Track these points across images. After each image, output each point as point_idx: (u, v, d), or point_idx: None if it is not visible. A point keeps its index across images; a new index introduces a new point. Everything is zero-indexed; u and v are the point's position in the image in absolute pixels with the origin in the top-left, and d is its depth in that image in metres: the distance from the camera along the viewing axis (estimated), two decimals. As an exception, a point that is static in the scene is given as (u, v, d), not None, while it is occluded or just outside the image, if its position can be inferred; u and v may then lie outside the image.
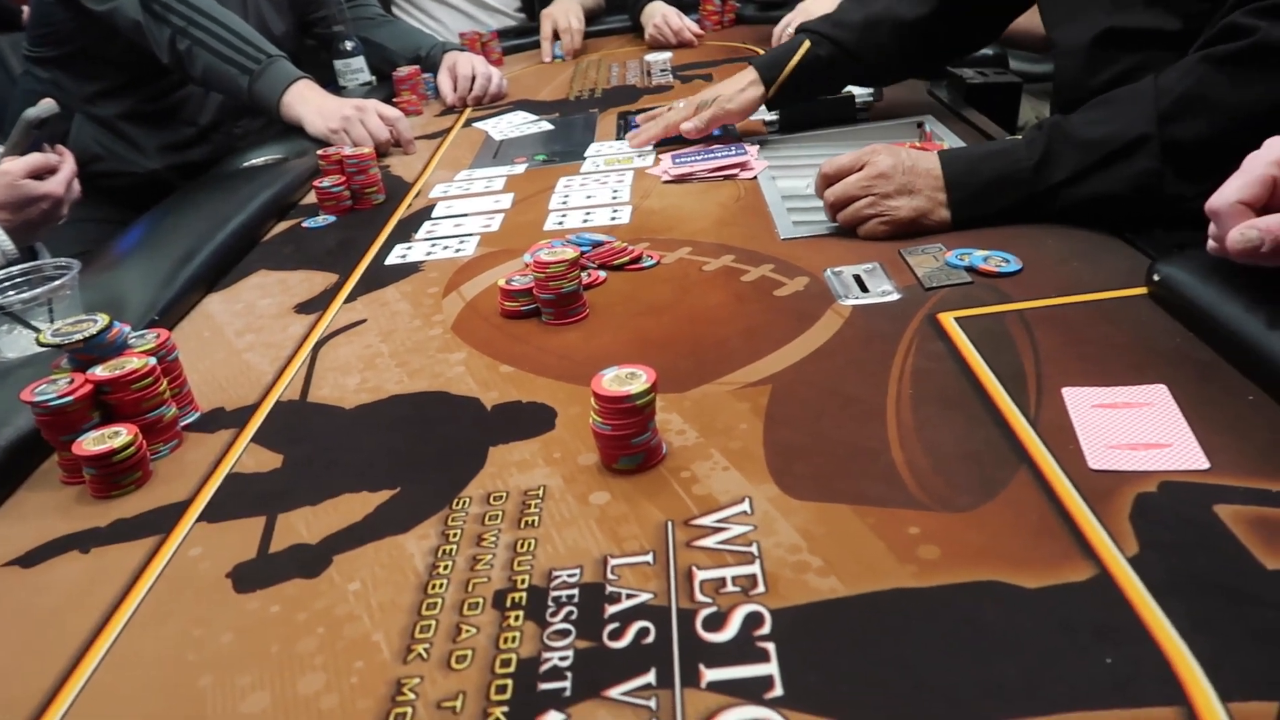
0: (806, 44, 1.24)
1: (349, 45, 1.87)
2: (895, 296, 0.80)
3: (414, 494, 0.63)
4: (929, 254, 0.86)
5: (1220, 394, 0.61)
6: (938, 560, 0.50)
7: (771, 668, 0.45)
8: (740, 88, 1.26)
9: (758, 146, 1.24)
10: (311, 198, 1.28)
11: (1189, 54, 0.85)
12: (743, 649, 0.46)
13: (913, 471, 0.58)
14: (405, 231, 1.13)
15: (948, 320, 0.75)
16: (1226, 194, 0.64)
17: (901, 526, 0.53)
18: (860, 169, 0.94)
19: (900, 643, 0.46)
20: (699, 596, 0.50)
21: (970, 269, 0.82)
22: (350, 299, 0.96)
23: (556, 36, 2.07)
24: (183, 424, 0.74)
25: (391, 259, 1.05)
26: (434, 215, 1.17)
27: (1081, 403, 0.61)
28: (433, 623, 0.51)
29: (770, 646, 0.46)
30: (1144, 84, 0.86)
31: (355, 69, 1.89)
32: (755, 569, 0.52)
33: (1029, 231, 0.88)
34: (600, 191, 1.17)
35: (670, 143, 1.32)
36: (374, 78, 1.91)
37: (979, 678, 0.43)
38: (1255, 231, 0.61)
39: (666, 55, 1.89)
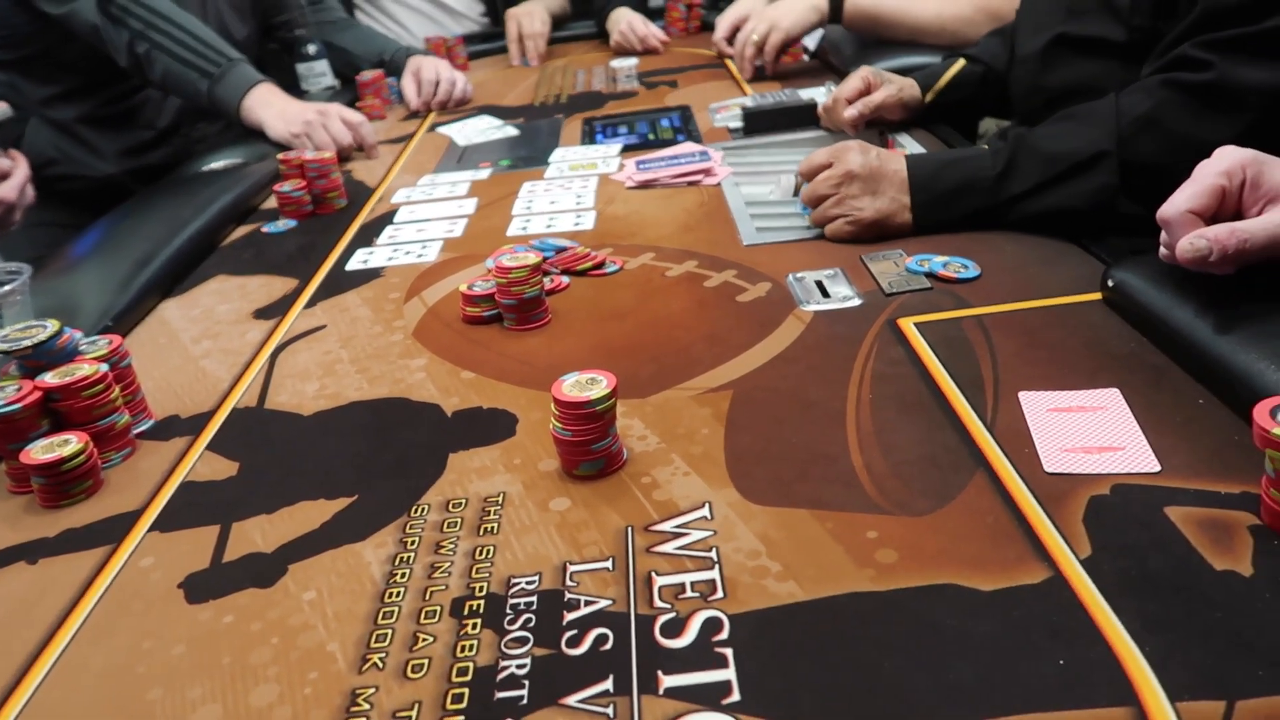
0: (962, 61, 1.24)
1: (311, 49, 1.85)
2: (856, 302, 0.81)
3: (372, 502, 0.62)
4: (890, 259, 0.87)
5: (1171, 398, 0.62)
6: (895, 564, 0.51)
7: (729, 673, 0.45)
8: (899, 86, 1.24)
9: (721, 153, 1.24)
10: (272, 202, 1.26)
11: (1147, 75, 0.87)
12: (701, 654, 0.46)
13: (871, 476, 0.58)
14: (367, 236, 1.12)
15: (907, 325, 0.75)
16: (1177, 203, 0.65)
17: (860, 530, 0.53)
18: (831, 165, 0.94)
19: (858, 646, 0.46)
20: (658, 602, 0.50)
21: (930, 274, 0.83)
22: (310, 304, 0.94)
23: (522, 39, 2.07)
24: (135, 431, 0.73)
25: (353, 264, 1.04)
26: (396, 220, 1.16)
27: (1037, 407, 0.62)
28: (389, 632, 0.50)
29: (728, 652, 0.46)
30: (1105, 102, 0.87)
31: (318, 72, 1.87)
32: (714, 574, 0.52)
33: (988, 237, 0.89)
34: (564, 197, 1.17)
35: (635, 148, 1.32)
36: (337, 81, 1.89)
37: (935, 680, 0.43)
38: (1204, 241, 0.62)
39: (632, 61, 1.89)
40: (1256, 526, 0.50)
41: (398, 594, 0.53)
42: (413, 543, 0.57)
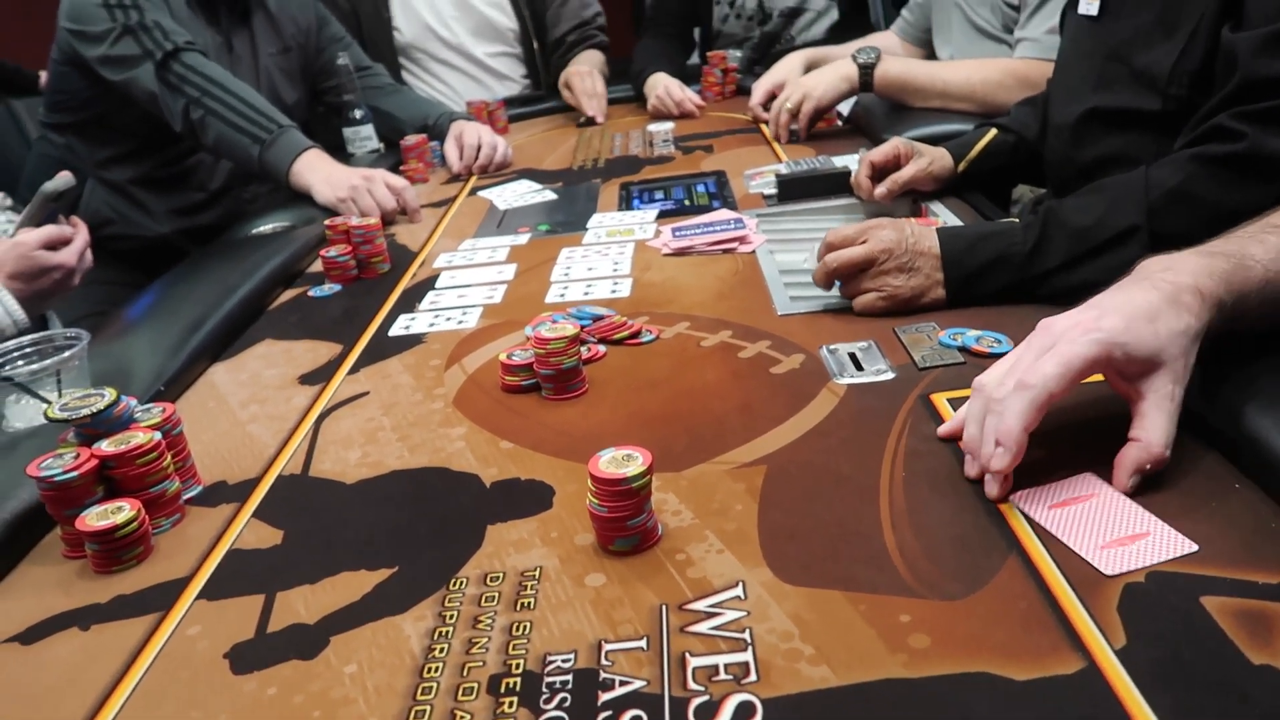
0: (994, 131, 1.26)
1: (358, 114, 1.92)
2: (889, 375, 0.82)
3: (412, 573, 0.63)
4: (923, 333, 0.88)
5: (1205, 481, 0.62)
6: (928, 649, 0.51)
7: (762, 760, 0.45)
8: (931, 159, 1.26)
9: (756, 220, 1.26)
10: (318, 265, 1.30)
11: (1177, 148, 0.88)
12: (734, 740, 0.47)
13: (904, 556, 0.59)
14: (409, 301, 1.15)
15: (940, 401, 0.76)
16: (1014, 431, 0.61)
17: (893, 614, 0.54)
18: (863, 241, 0.95)
19: (891, 735, 0.46)
20: (692, 684, 0.51)
21: (963, 349, 0.83)
22: (354, 370, 0.97)
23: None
24: (185, 498, 0.75)
25: (395, 330, 1.06)
26: (438, 285, 1.19)
27: (1039, 507, 0.61)
28: (427, 708, 0.51)
29: (762, 737, 0.47)
30: (1135, 175, 0.88)
31: (364, 136, 1.93)
32: (748, 656, 0.52)
33: (1020, 311, 0.90)
34: (601, 263, 1.20)
35: (671, 214, 1.35)
36: (382, 145, 1.95)
37: (968, 773, 0.43)
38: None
39: (669, 126, 1.93)
40: (1294, 616, 0.50)
41: (436, 669, 0.54)
42: (451, 616, 0.58)
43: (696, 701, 0.50)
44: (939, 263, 0.93)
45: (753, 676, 0.51)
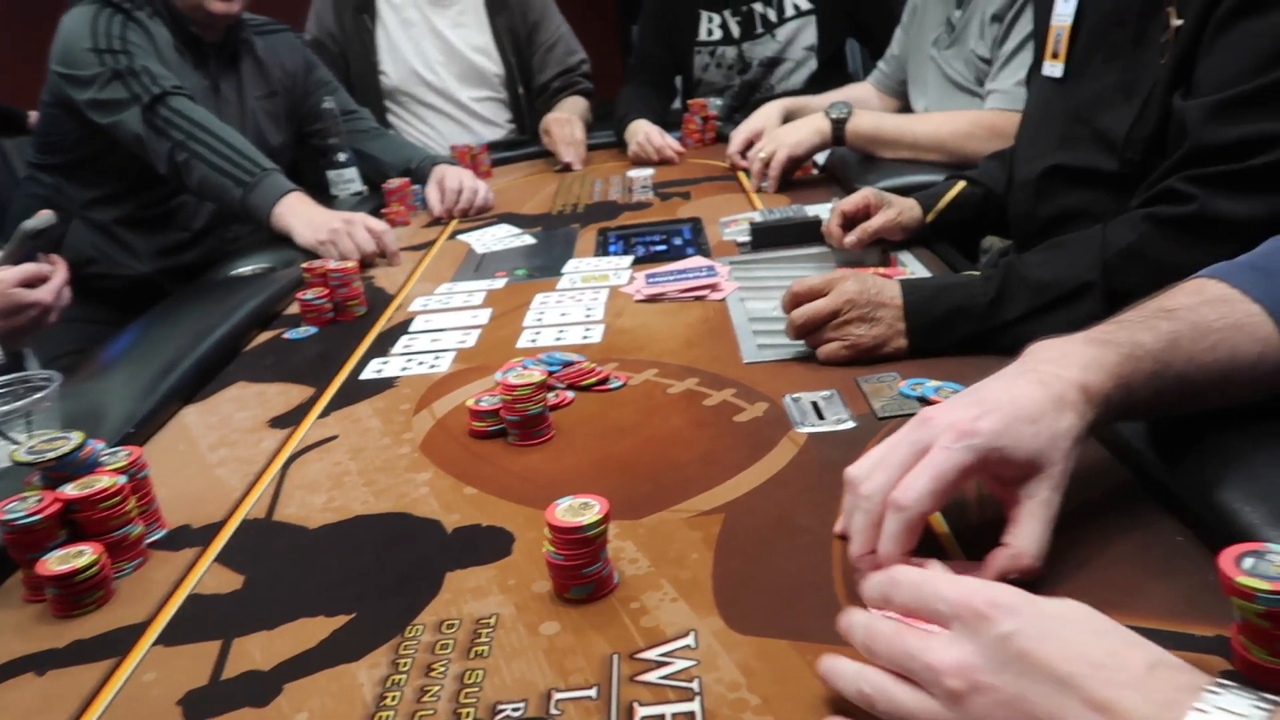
0: (963, 183, 1.29)
1: (342, 157, 1.94)
2: (850, 425, 0.83)
3: (369, 620, 0.64)
4: (884, 383, 0.90)
5: (1146, 534, 0.63)
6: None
7: (703, 811, 0.46)
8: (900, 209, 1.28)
9: (729, 267, 1.29)
10: (295, 308, 1.31)
11: (1133, 208, 0.90)
12: (676, 791, 0.47)
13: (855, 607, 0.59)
14: (383, 345, 1.16)
15: (898, 451, 0.77)
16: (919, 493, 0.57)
17: (839, 664, 0.54)
18: (827, 293, 0.97)
19: (830, 786, 0.47)
20: (638, 734, 0.51)
21: (922, 399, 0.85)
22: (324, 414, 0.98)
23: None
24: (148, 541, 0.76)
25: (367, 373, 1.07)
26: (412, 329, 1.21)
27: None
28: (376, 757, 0.52)
29: (703, 788, 0.47)
30: (1093, 233, 0.91)
31: (347, 179, 1.95)
32: (695, 706, 0.53)
33: (981, 362, 0.91)
34: (575, 309, 1.21)
35: (646, 260, 1.37)
36: (365, 188, 1.97)
37: (904, 825, 0.44)
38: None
39: (648, 172, 1.96)
40: (1229, 672, 0.51)
41: (387, 717, 0.55)
42: (405, 664, 0.59)
43: (642, 752, 0.50)
44: (901, 313, 0.95)
45: (698, 727, 0.51)
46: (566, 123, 2.17)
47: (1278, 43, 0.80)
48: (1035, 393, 0.59)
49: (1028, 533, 0.57)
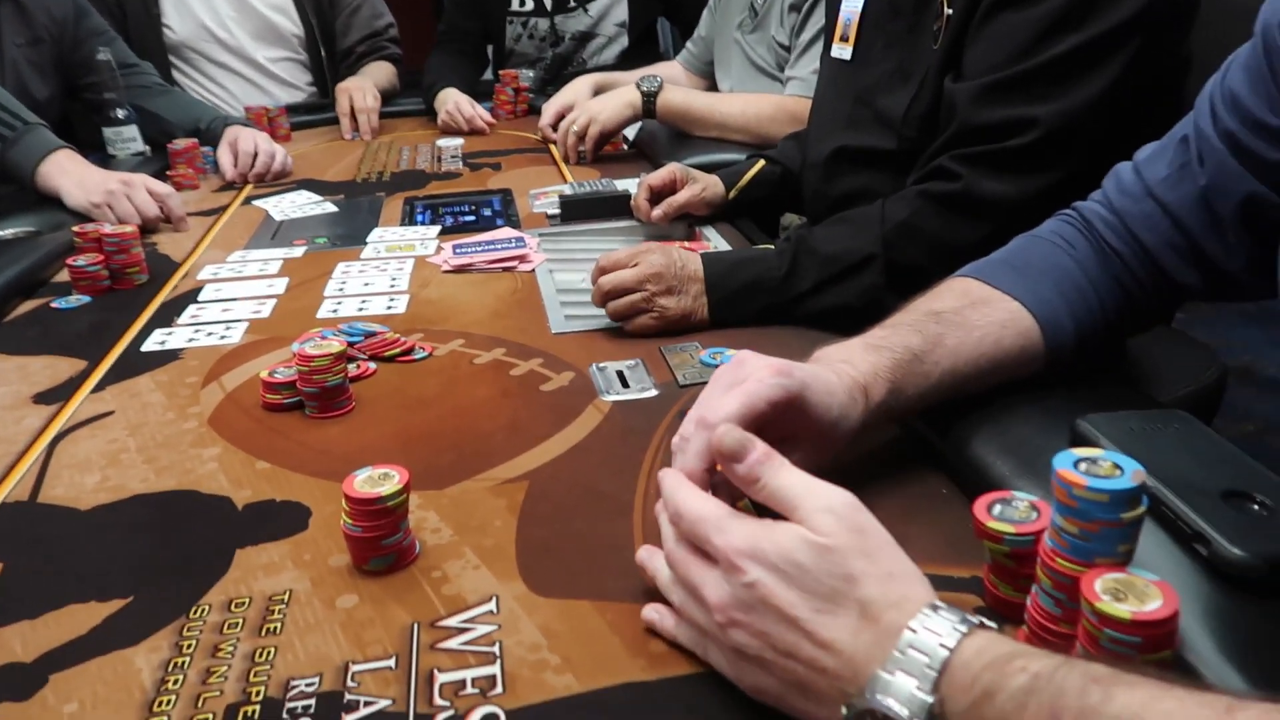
0: (762, 162, 1.32)
1: (121, 113, 1.79)
2: (653, 393, 0.85)
3: (148, 603, 0.60)
4: (686, 352, 0.93)
5: (919, 487, 0.69)
6: (665, 654, 0.54)
7: (501, 770, 0.46)
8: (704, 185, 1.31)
9: (538, 239, 1.28)
10: (64, 275, 1.20)
11: (909, 185, 0.97)
12: (475, 752, 0.48)
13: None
14: (167, 316, 1.09)
15: (697, 417, 0.80)
16: (726, 411, 0.58)
17: (637, 621, 0.56)
18: (635, 265, 0.99)
19: (626, 736, 0.48)
20: (438, 700, 0.51)
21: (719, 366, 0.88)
22: (98, 388, 0.91)
23: (354, 113, 2.07)
24: (-115, 530, 0.68)
25: (149, 345, 1.00)
26: (201, 299, 1.13)
27: None
28: (155, 743, 0.49)
29: (503, 748, 0.48)
30: (873, 208, 0.97)
31: (127, 138, 1.80)
32: (495, 669, 0.53)
33: (778, 332, 0.96)
34: (379, 279, 1.18)
35: (454, 231, 1.35)
36: (148, 148, 1.83)
37: (694, 766, 0.46)
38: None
39: (458, 142, 1.92)
40: (981, 608, 0.56)
41: (168, 702, 0.52)
42: (189, 646, 0.56)
43: (441, 716, 0.50)
44: (703, 285, 0.98)
45: (499, 689, 0.52)
46: (358, 91, 2.09)
47: (1035, 33, 0.88)
48: (832, 379, 0.64)
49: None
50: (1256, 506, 0.55)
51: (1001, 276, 0.75)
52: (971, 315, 0.71)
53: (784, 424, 0.61)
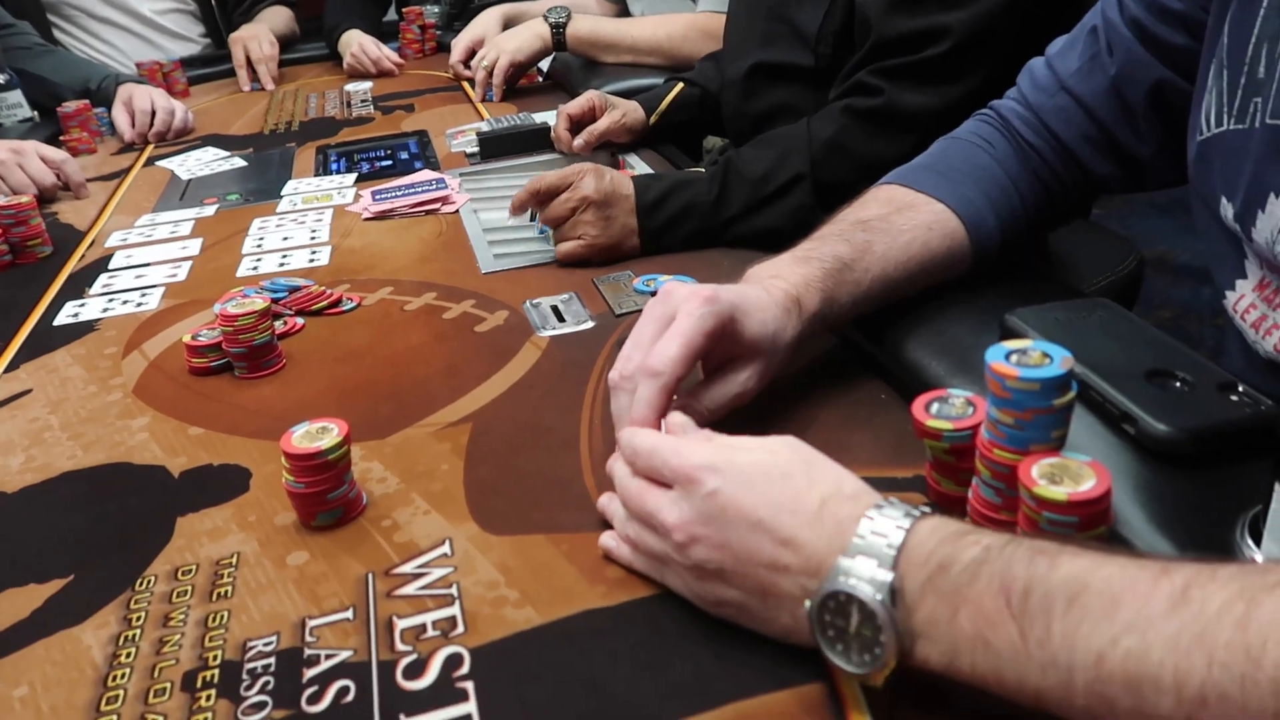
0: (681, 84, 1.30)
1: (1, 78, 1.69)
2: (589, 325, 0.85)
3: (91, 580, 0.58)
4: (619, 281, 0.92)
5: (862, 394, 0.70)
6: (624, 578, 0.54)
7: (470, 706, 0.47)
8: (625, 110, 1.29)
9: (459, 179, 1.26)
10: (-39, 254, 1.14)
11: (831, 100, 0.97)
12: (442, 692, 0.48)
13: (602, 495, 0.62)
14: (78, 286, 1.04)
15: (635, 345, 0.80)
16: (670, 356, 0.58)
17: (592, 550, 0.57)
18: (568, 187, 0.97)
19: (591, 662, 0.49)
20: (399, 646, 0.51)
21: (654, 294, 0.88)
22: (11, 368, 0.87)
23: (251, 64, 1.98)
24: None
25: (61, 319, 0.96)
26: (111, 267, 1.09)
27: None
28: (114, 718, 0.48)
29: (469, 685, 0.48)
30: (799, 127, 0.97)
31: (12, 104, 1.70)
32: (455, 610, 0.53)
33: (708, 255, 0.96)
34: (298, 232, 1.14)
35: (371, 177, 1.31)
36: (35, 113, 1.73)
37: (661, 683, 0.47)
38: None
39: (366, 85, 1.86)
40: (929, 503, 0.58)
41: (122, 676, 0.51)
42: (139, 619, 0.55)
43: (405, 661, 0.50)
44: (634, 211, 0.97)
45: (460, 629, 0.52)
46: (252, 39, 2.00)
47: None
48: (762, 296, 0.64)
49: (713, 397, 0.62)
50: (1178, 384, 0.57)
51: (925, 180, 0.76)
52: (897, 220, 0.72)
53: (725, 347, 0.62)
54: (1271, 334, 0.63)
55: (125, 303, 0.99)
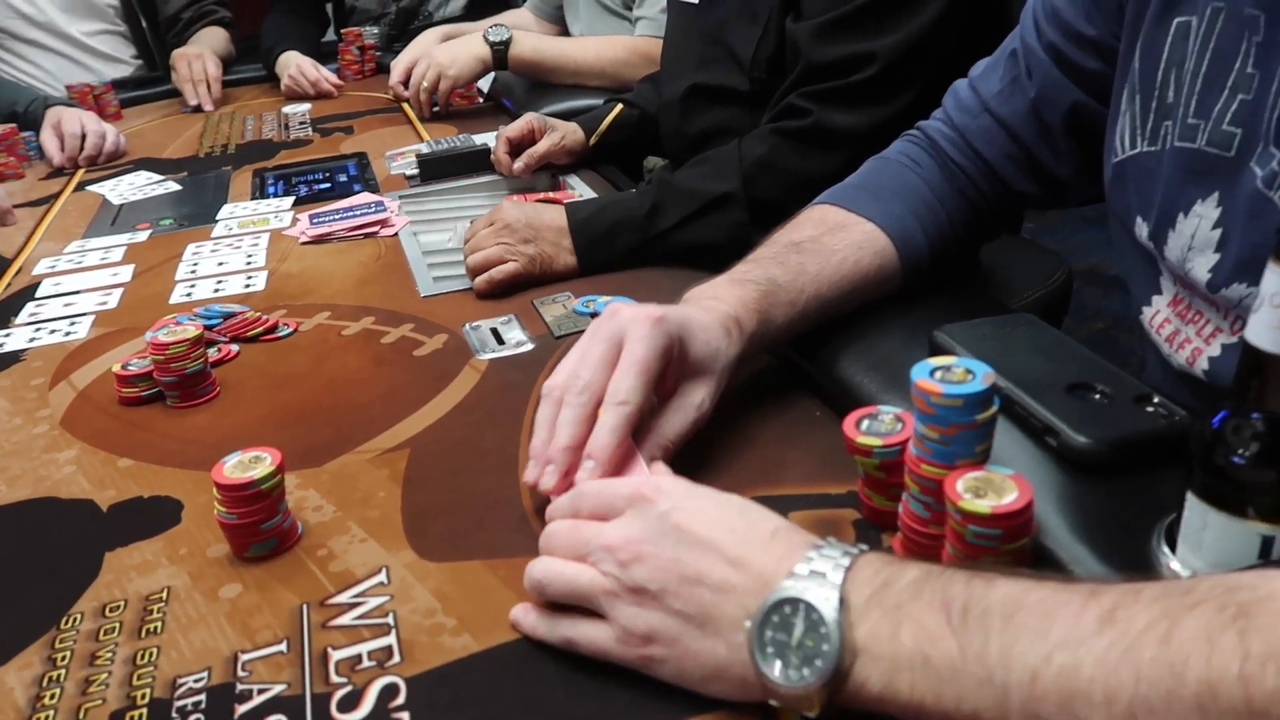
0: (620, 105, 1.31)
1: (-77, 102, 1.64)
2: (529, 347, 0.85)
3: (13, 619, 0.57)
4: (559, 302, 0.92)
5: (797, 414, 0.71)
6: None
7: (406, 736, 0.46)
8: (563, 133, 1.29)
9: (399, 202, 1.25)
10: (-121, 284, 1.11)
11: (764, 123, 0.98)
12: (377, 723, 0.47)
13: (540, 518, 0.61)
14: (3, 316, 1.02)
15: (575, 366, 0.80)
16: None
17: (529, 573, 0.56)
18: (490, 225, 0.98)
19: (528, 685, 0.49)
20: (334, 678, 0.50)
21: (594, 315, 0.88)
22: (-68, 401, 0.84)
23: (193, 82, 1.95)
24: None
25: (-14, 350, 0.94)
26: (39, 295, 1.06)
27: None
28: (37, 762, 0.47)
29: (405, 716, 0.48)
30: (731, 147, 0.98)
31: (-66, 128, 1.66)
32: (391, 640, 0.53)
33: (647, 274, 0.97)
34: (234, 257, 1.13)
35: (309, 200, 1.30)
36: (-40, 138, 1.69)
37: (599, 707, 0.47)
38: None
39: (305, 107, 1.84)
40: (858, 520, 0.59)
41: (47, 718, 0.50)
42: (63, 658, 0.54)
43: (340, 694, 0.49)
44: (565, 231, 0.97)
45: (396, 658, 0.51)
46: (196, 58, 1.97)
47: None
48: (704, 316, 0.65)
49: (675, 425, 0.62)
50: (1098, 396, 0.59)
51: (855, 200, 0.77)
52: (829, 241, 0.74)
53: (674, 369, 0.63)
54: (1184, 348, 0.65)
55: (53, 332, 0.96)
